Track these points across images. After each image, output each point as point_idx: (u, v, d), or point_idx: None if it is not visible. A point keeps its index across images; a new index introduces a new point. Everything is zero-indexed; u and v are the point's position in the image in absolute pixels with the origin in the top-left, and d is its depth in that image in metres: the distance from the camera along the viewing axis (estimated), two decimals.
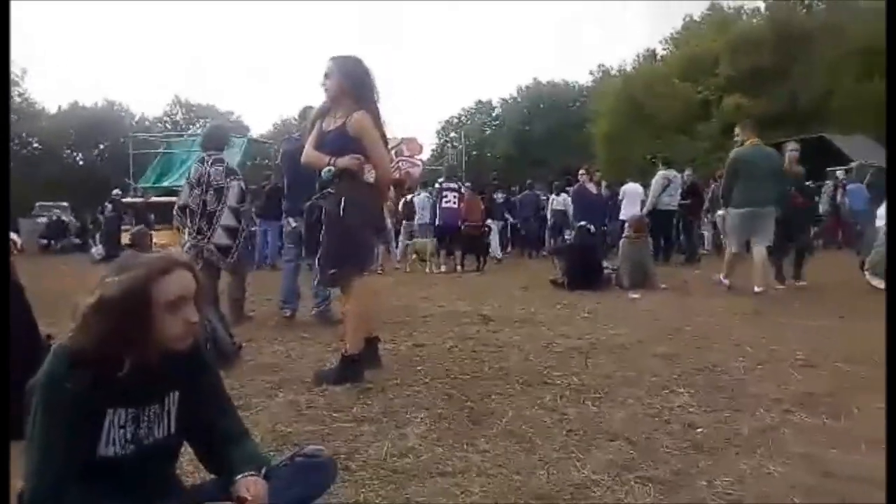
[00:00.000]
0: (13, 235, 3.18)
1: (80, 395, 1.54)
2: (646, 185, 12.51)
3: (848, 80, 26.57)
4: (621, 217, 12.10)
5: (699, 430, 2.76)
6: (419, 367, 4.01)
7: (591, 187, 12.05)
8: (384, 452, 2.52)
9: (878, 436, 2.35)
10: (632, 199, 12.31)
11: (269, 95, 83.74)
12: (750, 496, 2.13)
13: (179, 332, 1.63)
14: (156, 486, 1.71)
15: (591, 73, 47.06)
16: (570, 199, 13.44)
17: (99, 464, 1.61)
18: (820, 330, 4.99)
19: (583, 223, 9.21)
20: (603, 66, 45.81)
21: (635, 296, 7.32)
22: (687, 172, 13.08)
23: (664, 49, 40.16)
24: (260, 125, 43.39)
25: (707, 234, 14.27)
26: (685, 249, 12.48)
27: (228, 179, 5.31)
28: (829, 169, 16.09)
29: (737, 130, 7.47)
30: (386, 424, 2.89)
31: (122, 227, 14.71)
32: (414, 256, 12.13)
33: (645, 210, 10.99)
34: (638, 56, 41.46)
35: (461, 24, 77.08)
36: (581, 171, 12.16)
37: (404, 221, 12.65)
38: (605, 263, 8.63)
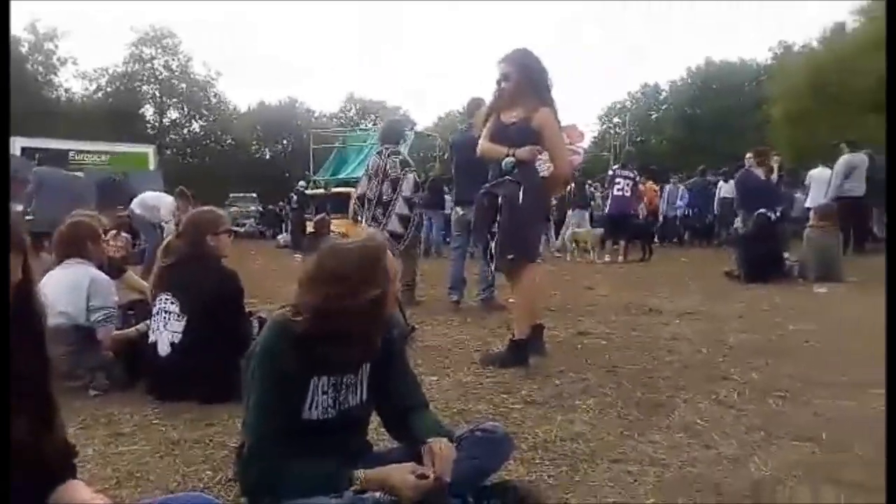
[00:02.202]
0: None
1: (289, 364, 1.75)
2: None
3: None
4: (807, 205, 11.19)
5: None
6: (585, 356, 4.02)
7: (759, 173, 11.10)
8: (553, 435, 2.58)
9: None
10: (819, 186, 11.29)
11: (434, 91, 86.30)
12: None
13: (394, 301, 1.86)
14: (351, 448, 1.91)
15: (770, 49, 43.00)
16: None
17: (304, 426, 1.82)
18: None
19: (762, 211, 8.55)
20: (785, 42, 41.70)
21: (821, 290, 6.73)
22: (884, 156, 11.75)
23: (855, 21, 35.76)
24: (425, 118, 44.53)
25: None
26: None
27: (404, 171, 5.58)
28: None
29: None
30: (553, 408, 2.95)
31: (305, 217, 15.97)
32: (574, 246, 12.00)
33: (828, 198, 10.05)
34: (824, 30, 37.22)
35: (626, 6, 73.83)
36: (748, 156, 11.23)
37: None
38: (785, 255, 8.00)
